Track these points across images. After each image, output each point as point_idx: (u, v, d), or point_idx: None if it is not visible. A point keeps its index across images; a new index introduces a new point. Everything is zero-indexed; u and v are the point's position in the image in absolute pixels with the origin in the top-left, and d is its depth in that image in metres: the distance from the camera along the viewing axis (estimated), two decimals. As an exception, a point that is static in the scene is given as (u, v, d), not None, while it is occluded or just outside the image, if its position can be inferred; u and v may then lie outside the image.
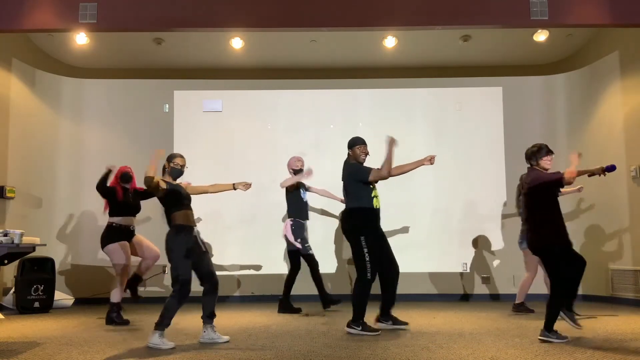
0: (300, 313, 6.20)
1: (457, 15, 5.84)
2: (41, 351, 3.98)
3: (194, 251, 4.30)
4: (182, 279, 4.17)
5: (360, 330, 4.66)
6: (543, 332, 4.22)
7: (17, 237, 4.17)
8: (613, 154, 7.19)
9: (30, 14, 5.78)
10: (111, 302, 5.55)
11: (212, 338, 4.34)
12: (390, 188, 7.99)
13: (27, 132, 7.38)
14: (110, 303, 5.55)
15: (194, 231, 4.41)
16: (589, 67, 7.69)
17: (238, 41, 7.44)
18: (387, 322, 4.96)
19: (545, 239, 4.27)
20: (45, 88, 7.74)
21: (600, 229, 7.39)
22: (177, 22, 5.90)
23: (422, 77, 8.17)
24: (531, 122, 8.10)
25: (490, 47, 7.74)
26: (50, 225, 7.63)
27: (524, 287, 6.16)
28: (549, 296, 4.28)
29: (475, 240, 7.87)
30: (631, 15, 5.76)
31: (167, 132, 8.05)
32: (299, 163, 6.45)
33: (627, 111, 7.00)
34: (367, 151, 5.10)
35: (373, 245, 4.75)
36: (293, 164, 6.46)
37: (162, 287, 7.71)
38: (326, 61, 8.05)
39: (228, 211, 7.87)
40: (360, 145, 5.11)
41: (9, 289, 6.77)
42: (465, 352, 3.82)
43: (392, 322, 4.96)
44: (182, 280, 4.17)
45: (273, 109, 8.14)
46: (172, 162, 4.51)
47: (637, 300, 6.68)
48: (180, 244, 4.23)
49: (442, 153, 8.04)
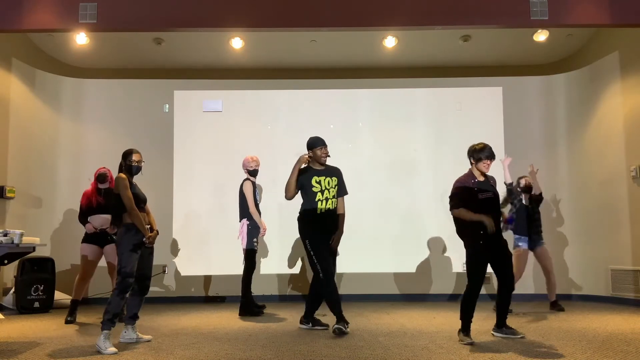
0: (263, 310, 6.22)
1: (457, 15, 5.84)
2: (41, 351, 3.98)
3: (140, 248, 4.32)
4: (123, 271, 4.19)
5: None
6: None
7: (17, 237, 4.17)
8: (613, 154, 7.20)
9: (30, 14, 5.78)
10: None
11: (132, 338, 4.40)
12: (390, 188, 8.03)
13: (27, 132, 7.38)
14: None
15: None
16: (589, 67, 7.70)
17: (238, 41, 7.44)
18: (308, 324, 5.12)
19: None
20: (45, 88, 7.74)
21: (600, 229, 7.39)
22: (177, 22, 5.90)
23: (422, 77, 8.17)
24: (531, 122, 8.10)
25: (490, 47, 7.75)
26: (50, 225, 7.63)
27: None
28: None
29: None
30: (631, 15, 5.76)
31: (167, 132, 8.06)
32: (254, 163, 6.33)
33: (627, 111, 7.00)
34: (327, 152, 4.96)
35: (318, 246, 4.80)
36: (247, 164, 6.28)
37: (161, 287, 7.72)
38: (326, 61, 8.05)
39: (229, 211, 7.87)
40: (320, 146, 4.94)
41: (9, 289, 6.77)
42: (465, 352, 3.82)
43: (312, 324, 5.11)
44: (124, 273, 4.19)
45: (273, 109, 8.14)
46: (128, 159, 4.49)
47: (637, 300, 6.68)
48: (129, 238, 4.27)
49: (442, 153, 8.08)
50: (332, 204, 4.90)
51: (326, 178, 4.91)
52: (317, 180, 4.89)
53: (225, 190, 7.91)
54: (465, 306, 4.27)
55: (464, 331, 4.26)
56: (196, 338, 4.54)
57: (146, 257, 4.44)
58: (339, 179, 4.99)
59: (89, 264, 5.85)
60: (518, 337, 4.34)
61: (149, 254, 4.47)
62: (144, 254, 4.40)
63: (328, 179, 4.92)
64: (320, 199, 4.85)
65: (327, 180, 4.91)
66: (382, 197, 7.96)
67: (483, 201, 4.29)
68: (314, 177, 4.89)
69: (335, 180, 4.95)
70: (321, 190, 4.87)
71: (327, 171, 4.98)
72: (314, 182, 4.88)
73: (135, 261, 4.25)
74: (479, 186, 4.33)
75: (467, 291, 4.30)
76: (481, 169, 4.39)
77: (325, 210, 4.87)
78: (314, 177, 4.89)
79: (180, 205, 7.90)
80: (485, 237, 4.22)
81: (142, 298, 4.50)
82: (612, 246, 7.18)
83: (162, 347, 4.11)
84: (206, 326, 5.27)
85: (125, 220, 4.32)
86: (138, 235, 4.28)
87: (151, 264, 4.53)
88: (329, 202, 4.88)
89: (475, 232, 4.24)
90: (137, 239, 4.28)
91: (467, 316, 4.27)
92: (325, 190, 4.88)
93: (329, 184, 4.91)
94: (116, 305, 4.12)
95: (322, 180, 4.90)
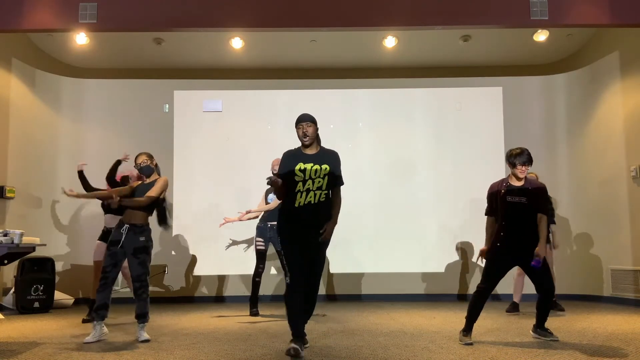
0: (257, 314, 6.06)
1: (457, 15, 5.84)
2: (41, 351, 3.98)
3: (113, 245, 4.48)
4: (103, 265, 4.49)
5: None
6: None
7: (17, 237, 4.17)
8: (613, 154, 7.20)
9: (30, 14, 5.78)
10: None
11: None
12: (390, 188, 8.03)
13: (27, 132, 7.38)
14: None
15: (123, 227, 4.53)
16: (589, 67, 7.70)
17: (238, 41, 7.44)
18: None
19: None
20: (45, 88, 7.74)
21: (600, 229, 7.39)
22: (177, 22, 5.90)
23: (422, 77, 8.18)
24: (531, 122, 8.11)
25: (490, 47, 7.75)
26: (50, 225, 7.63)
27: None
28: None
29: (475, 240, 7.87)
30: (631, 15, 5.76)
31: (167, 132, 8.06)
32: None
33: (627, 111, 7.00)
34: (306, 130, 4.01)
35: (289, 247, 3.93)
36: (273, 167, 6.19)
37: (161, 287, 7.72)
38: (326, 61, 8.05)
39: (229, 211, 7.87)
40: (299, 125, 4.06)
41: (9, 289, 6.77)
42: (465, 352, 3.82)
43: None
44: (103, 266, 4.47)
45: (273, 109, 8.14)
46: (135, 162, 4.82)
47: (637, 300, 6.68)
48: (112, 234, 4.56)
49: (442, 153, 8.08)
50: (314, 197, 3.90)
51: (314, 165, 3.92)
52: (302, 168, 3.93)
53: (225, 190, 7.92)
54: (471, 307, 4.28)
55: (465, 331, 4.26)
56: (196, 338, 4.54)
57: (130, 258, 4.48)
58: (331, 166, 3.97)
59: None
60: (549, 339, 4.29)
61: (132, 255, 4.47)
62: (127, 254, 4.49)
63: (316, 166, 3.92)
64: (300, 190, 3.90)
65: (314, 168, 3.92)
66: (381, 197, 7.96)
67: (511, 205, 4.29)
68: (300, 164, 3.95)
69: (326, 168, 3.94)
70: (303, 180, 3.91)
71: (318, 157, 4.00)
72: (297, 170, 3.94)
73: (108, 256, 4.45)
74: (509, 190, 4.33)
75: (475, 292, 4.31)
76: (516, 174, 4.37)
77: (305, 205, 3.88)
78: (299, 164, 3.96)
79: (180, 205, 7.90)
80: (505, 239, 4.24)
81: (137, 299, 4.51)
82: (612, 246, 7.18)
83: (162, 347, 4.11)
84: (206, 326, 5.27)
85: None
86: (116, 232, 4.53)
87: (135, 265, 4.48)
88: (310, 194, 3.89)
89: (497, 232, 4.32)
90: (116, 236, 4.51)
91: (470, 317, 4.27)
92: (309, 180, 3.90)
93: (315, 173, 3.91)
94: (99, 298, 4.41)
95: (307, 168, 3.92)
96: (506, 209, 4.29)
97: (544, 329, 4.35)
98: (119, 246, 4.46)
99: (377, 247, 7.84)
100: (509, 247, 4.25)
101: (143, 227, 4.53)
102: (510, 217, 4.27)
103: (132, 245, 4.45)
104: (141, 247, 4.47)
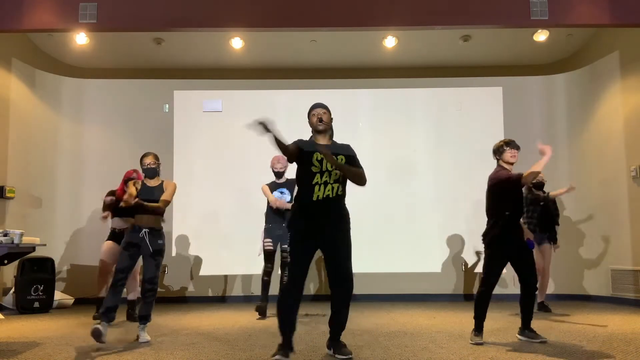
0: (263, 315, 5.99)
1: (457, 15, 5.85)
2: (41, 351, 3.98)
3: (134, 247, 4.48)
4: (115, 267, 4.48)
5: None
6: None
7: (17, 237, 4.17)
8: (613, 154, 7.20)
9: (30, 14, 5.78)
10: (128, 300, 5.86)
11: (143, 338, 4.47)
12: (390, 188, 8.03)
13: (27, 132, 7.38)
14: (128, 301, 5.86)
15: (141, 232, 4.52)
16: (589, 67, 7.70)
17: (238, 41, 7.44)
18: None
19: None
20: (45, 88, 7.74)
21: (600, 229, 7.40)
22: (177, 22, 5.91)
23: (422, 77, 8.18)
24: (531, 122, 8.11)
25: (490, 47, 7.75)
26: (50, 225, 7.63)
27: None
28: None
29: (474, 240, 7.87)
30: (631, 15, 5.77)
31: (167, 132, 8.06)
32: (279, 165, 6.29)
33: (627, 111, 7.00)
34: (321, 116, 3.83)
35: (297, 245, 3.68)
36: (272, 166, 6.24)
37: (161, 286, 7.72)
38: (326, 61, 8.05)
39: (229, 211, 7.88)
40: (312, 111, 3.90)
41: (9, 289, 6.77)
42: (465, 352, 3.82)
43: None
44: (115, 268, 4.46)
45: (273, 109, 8.13)
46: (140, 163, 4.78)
47: (637, 300, 6.68)
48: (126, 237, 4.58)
49: (442, 153, 8.08)
50: (332, 190, 3.69)
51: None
52: (319, 158, 3.69)
53: (225, 190, 7.92)
54: (476, 306, 4.29)
55: (475, 330, 4.26)
56: (196, 338, 4.54)
57: (147, 258, 4.48)
58: (347, 157, 3.79)
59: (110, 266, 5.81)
60: (537, 341, 4.19)
61: (150, 257, 4.47)
62: (144, 255, 4.48)
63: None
64: (319, 182, 3.67)
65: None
66: (381, 197, 7.96)
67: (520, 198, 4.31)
68: (316, 154, 3.70)
69: (342, 159, 3.76)
70: (321, 172, 3.68)
71: (332, 148, 3.79)
72: (315, 160, 3.69)
73: (127, 258, 4.42)
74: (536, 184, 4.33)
75: (479, 291, 4.33)
76: (508, 159, 4.32)
77: (324, 199, 3.66)
78: (315, 154, 3.70)
79: (180, 205, 7.90)
80: (510, 218, 4.20)
81: (143, 300, 4.50)
82: (612, 246, 7.19)
83: (162, 347, 4.11)
84: (206, 326, 5.27)
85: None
86: (133, 235, 4.50)
87: (152, 266, 4.48)
88: (328, 187, 3.68)
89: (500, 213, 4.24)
90: (133, 238, 4.48)
91: (477, 316, 4.28)
92: (326, 173, 3.68)
93: (331, 166, 3.68)
94: (107, 299, 4.33)
95: (324, 159, 3.69)
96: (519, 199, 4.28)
97: (531, 330, 4.35)
98: (138, 249, 4.46)
99: (377, 247, 7.84)
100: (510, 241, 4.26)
101: (160, 231, 4.59)
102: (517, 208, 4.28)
103: (152, 248, 4.48)
104: (160, 250, 4.52)
